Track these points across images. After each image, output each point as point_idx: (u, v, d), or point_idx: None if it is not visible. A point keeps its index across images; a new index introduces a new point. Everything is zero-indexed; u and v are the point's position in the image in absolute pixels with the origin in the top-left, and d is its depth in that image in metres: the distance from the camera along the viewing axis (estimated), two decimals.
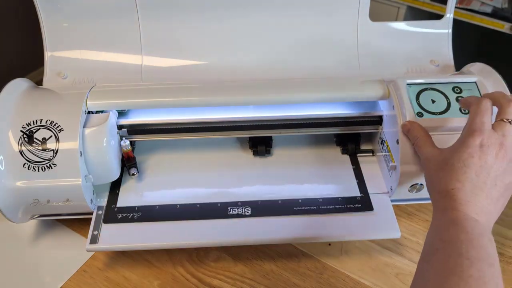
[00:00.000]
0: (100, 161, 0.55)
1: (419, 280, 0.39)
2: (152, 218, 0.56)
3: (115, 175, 0.59)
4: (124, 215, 0.57)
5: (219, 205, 0.58)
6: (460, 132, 0.47)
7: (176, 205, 0.58)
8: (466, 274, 0.36)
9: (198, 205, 0.58)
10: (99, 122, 0.56)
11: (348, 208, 0.57)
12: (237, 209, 0.57)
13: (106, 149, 0.55)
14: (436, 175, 0.46)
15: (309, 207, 0.57)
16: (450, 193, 0.43)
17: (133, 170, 0.61)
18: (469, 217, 0.41)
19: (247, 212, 0.57)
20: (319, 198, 0.58)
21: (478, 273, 0.36)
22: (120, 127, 0.60)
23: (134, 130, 0.61)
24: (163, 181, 0.62)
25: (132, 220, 0.56)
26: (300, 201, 0.58)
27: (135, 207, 0.58)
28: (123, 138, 0.60)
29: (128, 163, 0.61)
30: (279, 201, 0.58)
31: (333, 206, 0.58)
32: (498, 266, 0.38)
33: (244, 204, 0.58)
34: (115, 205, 0.58)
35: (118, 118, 0.60)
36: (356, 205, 0.58)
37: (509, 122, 0.45)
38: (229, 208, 0.57)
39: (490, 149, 0.43)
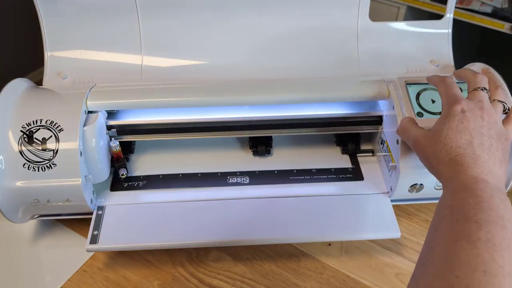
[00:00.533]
0: (89, 161, 0.55)
1: (426, 249, 0.38)
2: (156, 186, 0.61)
3: (105, 176, 0.59)
4: (130, 183, 0.61)
5: (219, 174, 0.62)
6: None
7: (179, 174, 0.62)
8: (473, 238, 0.35)
9: (199, 174, 0.62)
10: (88, 122, 0.56)
11: (340, 178, 0.62)
12: (236, 178, 0.62)
13: (94, 150, 0.55)
14: (433, 149, 0.45)
15: (303, 177, 0.62)
16: (454, 160, 0.42)
17: (122, 171, 0.61)
18: (479, 179, 0.40)
19: (245, 180, 0.61)
20: (313, 169, 0.63)
21: (487, 235, 0.35)
22: (109, 127, 0.60)
23: (124, 130, 0.61)
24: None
25: (137, 188, 0.60)
26: (295, 171, 0.62)
27: (140, 176, 0.62)
28: (112, 138, 0.60)
29: (117, 163, 0.61)
30: (276, 171, 0.63)
31: (326, 176, 0.62)
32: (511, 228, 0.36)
33: (243, 173, 0.62)
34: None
35: (107, 118, 0.60)
36: (348, 175, 0.62)
37: (480, 89, 0.47)
38: (228, 177, 0.62)
39: (474, 113, 0.44)
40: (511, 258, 0.34)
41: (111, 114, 0.61)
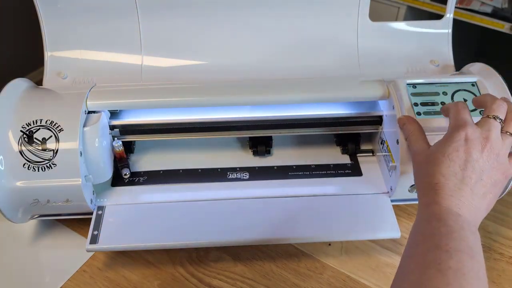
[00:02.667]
0: (92, 161, 0.55)
1: (400, 275, 0.39)
2: (156, 181, 0.61)
3: (107, 176, 0.59)
4: (131, 179, 0.61)
5: (219, 170, 0.63)
6: None
7: (179, 170, 0.63)
8: (444, 266, 0.36)
9: (199, 170, 0.63)
10: (91, 122, 0.56)
11: (339, 173, 0.62)
12: (236, 174, 0.62)
13: (97, 149, 0.55)
14: (422, 168, 0.46)
15: (302, 173, 0.62)
16: (434, 187, 0.42)
17: (125, 171, 0.61)
18: (452, 211, 0.40)
19: (245, 176, 0.61)
20: (312, 165, 0.63)
21: (457, 264, 0.36)
22: (112, 127, 0.60)
23: (127, 130, 0.61)
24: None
25: (138, 183, 0.60)
26: (294, 167, 0.63)
27: (140, 172, 0.63)
28: (115, 138, 0.60)
29: (120, 163, 0.61)
30: (275, 167, 0.63)
31: (325, 172, 0.62)
32: (481, 260, 0.38)
33: (242, 169, 0.63)
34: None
35: (110, 118, 0.60)
36: (346, 171, 0.62)
37: (493, 117, 0.45)
38: (228, 173, 0.62)
39: (475, 143, 0.43)
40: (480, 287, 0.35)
41: (113, 114, 0.61)
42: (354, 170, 0.63)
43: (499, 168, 0.44)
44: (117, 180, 0.61)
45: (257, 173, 0.63)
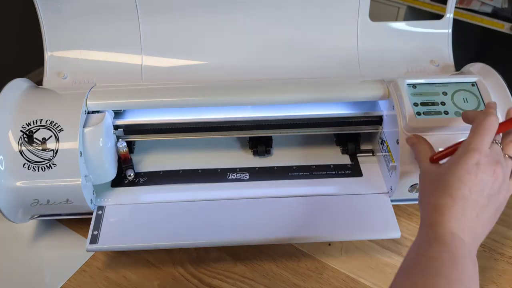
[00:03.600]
0: (95, 162, 0.55)
1: None
2: (156, 182, 0.61)
3: (111, 176, 0.59)
4: (131, 179, 0.61)
5: (219, 170, 0.63)
6: (459, 132, 0.46)
7: (179, 170, 0.63)
8: None
9: (199, 171, 0.62)
10: (94, 122, 0.56)
11: (339, 174, 0.62)
12: (236, 174, 0.62)
13: (102, 150, 0.55)
14: (429, 188, 0.45)
15: (302, 173, 0.62)
16: (440, 208, 0.42)
17: (129, 172, 0.61)
18: (456, 236, 0.40)
19: (245, 177, 0.61)
20: (312, 165, 0.63)
21: None
22: (116, 127, 0.60)
23: (131, 130, 0.61)
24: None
25: (138, 184, 0.60)
26: (294, 167, 0.63)
27: (141, 172, 0.63)
28: (120, 139, 0.60)
29: (124, 164, 0.61)
30: (275, 168, 0.63)
31: (325, 172, 0.62)
32: None
33: (242, 170, 0.63)
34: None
35: (114, 118, 0.60)
36: (347, 171, 0.62)
37: (496, 142, 0.45)
38: (228, 173, 0.62)
39: (487, 167, 0.42)
40: None
41: (117, 114, 0.61)
42: (354, 170, 0.63)
43: (503, 192, 0.44)
44: (117, 180, 0.61)
45: (257, 174, 0.63)
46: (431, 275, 0.37)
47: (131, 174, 0.61)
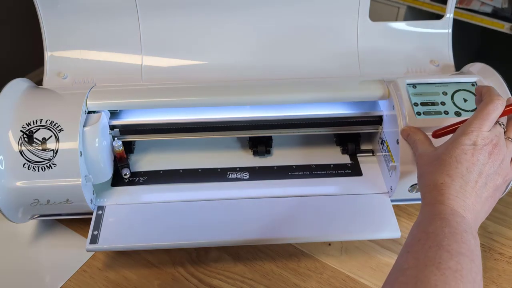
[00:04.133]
0: (92, 161, 0.55)
1: (397, 268, 0.39)
2: (156, 181, 0.61)
3: (107, 176, 0.59)
4: (131, 178, 0.61)
5: (219, 170, 0.63)
6: None
7: (179, 170, 0.63)
8: (444, 266, 0.36)
9: (199, 170, 0.62)
10: (91, 122, 0.56)
11: (339, 173, 0.62)
12: (236, 173, 0.62)
13: (98, 149, 0.55)
14: (427, 169, 0.46)
15: (302, 172, 0.62)
16: (439, 187, 0.43)
17: (125, 171, 0.61)
18: (456, 212, 0.41)
19: (245, 176, 0.62)
20: (312, 165, 0.63)
21: (456, 265, 0.36)
22: (112, 127, 0.60)
23: (127, 130, 0.61)
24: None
25: (138, 183, 0.60)
26: (294, 167, 0.63)
27: (141, 171, 0.63)
28: (115, 138, 0.60)
29: (120, 163, 0.61)
30: (275, 167, 0.63)
31: (325, 171, 0.62)
32: (479, 264, 0.38)
33: (242, 169, 0.63)
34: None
35: (110, 118, 0.60)
36: (347, 171, 0.62)
37: (499, 123, 0.45)
38: (228, 173, 0.62)
39: (484, 148, 0.43)
40: None
41: (113, 114, 0.61)
42: (354, 170, 0.63)
43: (502, 173, 0.44)
44: (117, 180, 0.61)
45: (257, 173, 0.63)
46: (433, 249, 0.38)
47: (127, 173, 0.61)
